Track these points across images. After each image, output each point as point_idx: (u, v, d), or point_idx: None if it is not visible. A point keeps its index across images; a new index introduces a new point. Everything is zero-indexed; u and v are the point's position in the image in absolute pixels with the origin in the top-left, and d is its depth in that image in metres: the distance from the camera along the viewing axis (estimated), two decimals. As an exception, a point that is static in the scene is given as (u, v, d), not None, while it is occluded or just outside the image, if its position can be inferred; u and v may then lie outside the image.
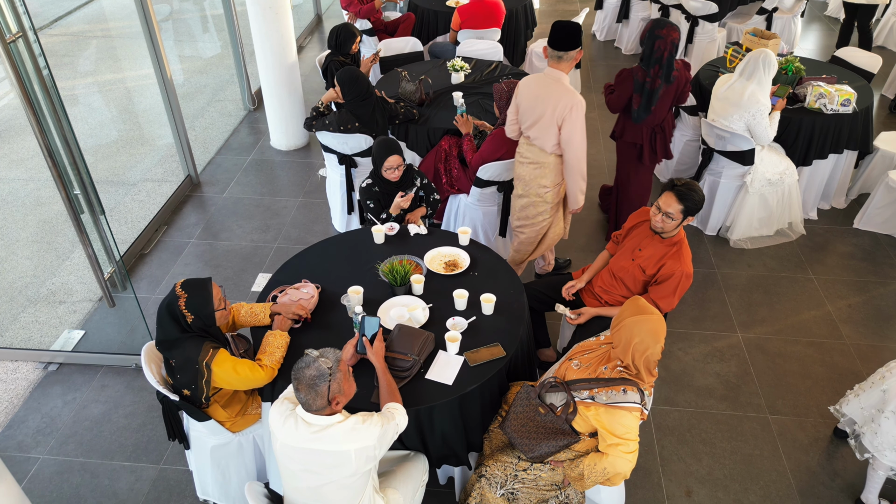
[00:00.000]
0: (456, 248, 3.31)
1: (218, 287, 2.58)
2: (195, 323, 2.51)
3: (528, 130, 3.55)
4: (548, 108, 3.39)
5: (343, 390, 2.18)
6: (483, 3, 5.74)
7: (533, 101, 3.46)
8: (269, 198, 5.18)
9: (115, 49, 8.07)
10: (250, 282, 4.36)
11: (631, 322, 2.33)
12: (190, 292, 2.51)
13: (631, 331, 2.33)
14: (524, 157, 3.67)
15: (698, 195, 2.96)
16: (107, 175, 5.55)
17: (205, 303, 2.50)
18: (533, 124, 3.50)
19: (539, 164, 3.61)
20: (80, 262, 4.50)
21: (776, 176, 4.43)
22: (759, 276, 4.37)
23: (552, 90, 3.39)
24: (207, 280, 2.55)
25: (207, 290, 2.51)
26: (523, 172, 3.70)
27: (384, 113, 4.31)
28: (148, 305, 4.17)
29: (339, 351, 2.23)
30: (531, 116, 3.49)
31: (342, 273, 3.18)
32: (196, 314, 2.50)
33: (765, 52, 4.20)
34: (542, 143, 3.52)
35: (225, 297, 2.62)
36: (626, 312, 2.38)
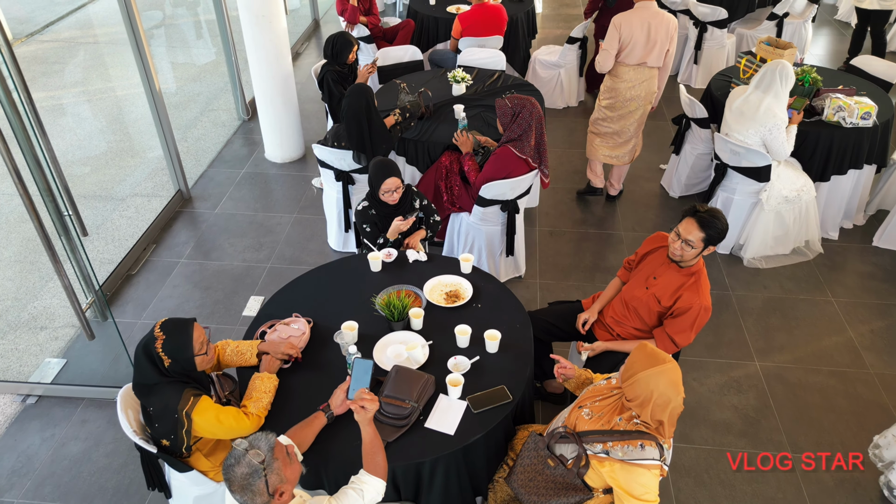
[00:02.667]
0: (458, 277, 3.10)
1: (201, 329, 2.37)
2: (173, 367, 2.30)
3: (645, 57, 4.31)
4: (660, 33, 4.24)
5: (285, 478, 1.90)
6: (485, 9, 5.53)
7: (646, 35, 4.24)
8: (262, 213, 4.98)
9: (107, 56, 7.87)
10: (241, 305, 4.15)
11: (646, 376, 2.12)
12: (168, 334, 2.30)
13: (647, 386, 2.11)
14: (633, 81, 4.41)
15: (721, 223, 2.75)
16: (94, 189, 5.35)
17: (184, 347, 2.29)
18: (650, 51, 4.29)
19: (648, 79, 4.43)
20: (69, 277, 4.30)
21: (793, 193, 4.22)
22: (776, 299, 4.16)
23: (658, 20, 4.24)
24: (189, 322, 2.34)
25: (187, 333, 2.30)
26: (636, 93, 4.46)
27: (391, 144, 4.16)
28: (133, 332, 3.97)
29: (271, 435, 1.94)
30: (646, 47, 4.28)
31: (336, 305, 2.97)
32: (174, 358, 2.29)
33: (782, 64, 3.99)
34: (654, 62, 4.34)
35: (209, 339, 2.41)
36: (637, 364, 2.16)
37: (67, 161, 5.70)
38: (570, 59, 6.12)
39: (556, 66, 6.17)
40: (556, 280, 4.33)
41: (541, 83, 6.27)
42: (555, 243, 4.67)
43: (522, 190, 3.92)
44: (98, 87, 7.07)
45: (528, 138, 3.69)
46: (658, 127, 6.06)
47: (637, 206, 5.03)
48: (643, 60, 4.31)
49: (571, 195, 5.15)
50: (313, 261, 4.50)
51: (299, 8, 8.85)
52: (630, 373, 2.16)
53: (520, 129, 3.67)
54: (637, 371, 2.13)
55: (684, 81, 6.84)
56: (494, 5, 5.57)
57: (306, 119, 6.21)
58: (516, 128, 3.68)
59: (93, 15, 9.18)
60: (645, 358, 2.15)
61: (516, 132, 3.69)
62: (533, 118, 3.64)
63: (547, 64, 6.19)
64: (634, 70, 4.37)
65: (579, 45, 6.08)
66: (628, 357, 2.23)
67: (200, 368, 2.36)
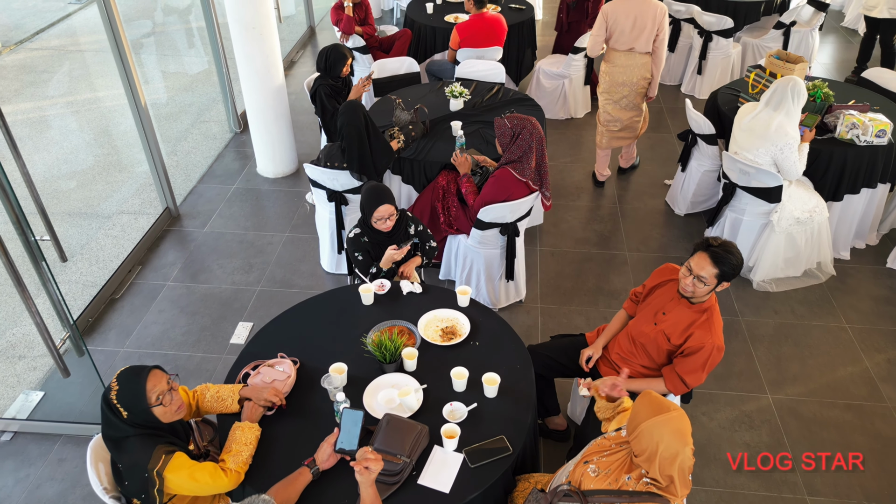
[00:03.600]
0: (454, 312, 2.92)
1: (160, 377, 2.16)
2: (132, 419, 2.12)
3: (632, 43, 4.50)
4: (648, 21, 4.41)
5: None
6: (483, 20, 5.36)
7: (633, 22, 4.43)
8: (253, 232, 4.80)
9: (96, 64, 7.69)
10: (229, 332, 3.97)
11: (650, 426, 1.94)
12: (122, 384, 2.12)
13: (651, 437, 1.94)
14: (624, 66, 4.63)
15: (736, 258, 2.57)
16: (80, 206, 5.17)
17: (138, 398, 2.10)
18: (637, 37, 4.47)
19: (639, 65, 4.60)
20: (43, 308, 4.11)
21: (805, 214, 4.05)
22: (788, 325, 3.98)
23: (645, 6, 4.40)
24: (144, 370, 2.14)
25: (140, 383, 2.10)
26: (627, 78, 4.67)
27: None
28: (115, 361, 3.79)
29: (267, 499, 1.81)
30: (633, 33, 4.46)
31: (324, 342, 2.80)
32: (130, 410, 2.10)
33: (794, 80, 3.81)
34: (642, 48, 4.52)
35: (173, 386, 2.21)
36: (641, 415, 1.99)
37: (53, 176, 5.53)
38: (574, 69, 5.94)
39: (560, 77, 5.99)
40: (557, 304, 4.15)
41: (544, 94, 6.10)
42: (556, 264, 4.49)
43: (523, 212, 3.74)
44: (87, 98, 6.90)
45: (529, 160, 3.52)
46: (662, 140, 5.89)
47: (641, 224, 4.85)
48: (631, 46, 4.55)
49: (573, 213, 4.97)
50: (305, 283, 4.33)
51: (294, 15, 8.67)
52: (634, 423, 1.98)
53: (520, 151, 3.51)
54: (641, 421, 1.96)
55: (688, 92, 6.67)
56: (493, 16, 5.40)
57: (300, 131, 6.03)
58: (516, 149, 3.51)
59: (83, 22, 9.00)
60: (648, 406, 1.98)
61: (516, 154, 3.52)
62: (533, 139, 3.47)
63: (551, 74, 6.02)
64: (625, 55, 4.61)
65: (584, 54, 5.90)
66: (633, 407, 2.05)
67: (167, 420, 2.17)
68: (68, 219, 5.03)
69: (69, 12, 9.04)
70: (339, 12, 5.80)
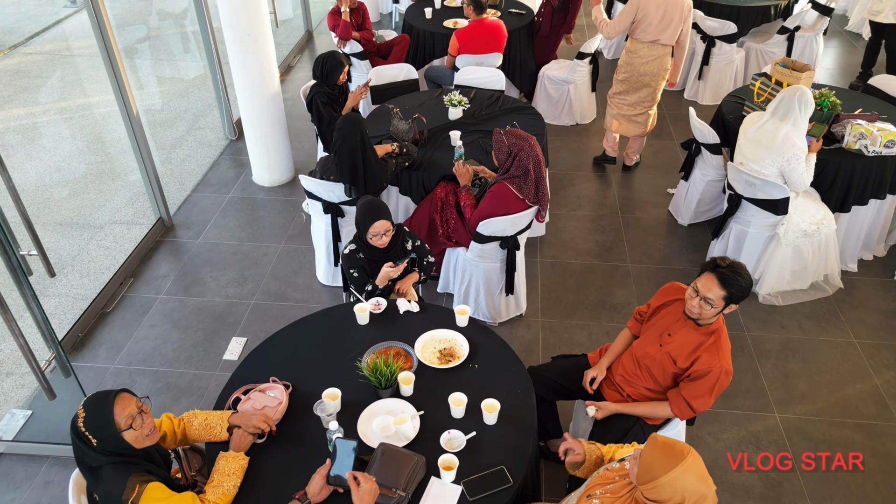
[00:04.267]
0: (452, 332, 2.82)
1: (129, 400, 2.04)
2: (103, 446, 2.01)
3: (658, 35, 4.57)
4: (675, 14, 4.49)
5: None
6: (483, 26, 5.26)
7: (662, 14, 4.49)
8: (248, 243, 4.70)
9: (91, 69, 7.58)
10: (222, 347, 3.88)
11: (671, 479, 1.84)
12: (88, 410, 2.01)
13: (675, 488, 1.84)
14: (646, 57, 4.70)
15: (745, 280, 2.48)
16: (72, 216, 5.07)
17: (105, 424, 1.98)
18: (664, 30, 4.55)
19: (661, 56, 4.69)
20: (29, 326, 4.02)
21: (812, 226, 3.95)
22: (795, 341, 3.88)
23: (674, 1, 4.47)
24: (110, 395, 2.02)
25: (107, 408, 1.98)
26: (649, 69, 4.75)
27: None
28: (105, 378, 3.69)
29: None
30: (661, 25, 4.53)
31: (318, 365, 2.70)
32: (99, 437, 1.99)
33: (801, 90, 3.72)
34: (667, 40, 4.60)
35: (143, 409, 2.09)
36: (656, 467, 1.85)
37: (45, 185, 5.43)
38: (580, 75, 5.84)
39: (565, 83, 5.90)
40: (559, 318, 4.06)
41: (549, 100, 6.01)
42: (557, 276, 4.40)
43: (523, 226, 3.65)
44: (80, 104, 6.80)
45: (527, 180, 3.43)
46: (664, 147, 5.79)
47: (644, 234, 4.76)
48: (656, 38, 4.60)
49: (574, 222, 4.88)
50: (300, 296, 4.23)
51: (292, 18, 8.58)
52: (649, 476, 1.88)
53: (518, 171, 3.42)
54: (658, 475, 1.85)
55: (691, 97, 6.58)
56: (493, 21, 5.30)
57: (297, 138, 5.94)
58: (514, 169, 3.42)
59: (78, 26, 8.90)
60: (662, 457, 1.87)
61: (514, 172, 3.43)
62: (531, 162, 3.38)
63: (556, 80, 5.92)
64: (648, 47, 4.66)
65: (590, 60, 5.81)
66: (641, 457, 1.93)
67: (139, 445, 2.06)
68: (60, 229, 4.93)
69: (64, 16, 8.95)
70: (335, 17, 5.70)
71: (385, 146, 3.95)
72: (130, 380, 3.68)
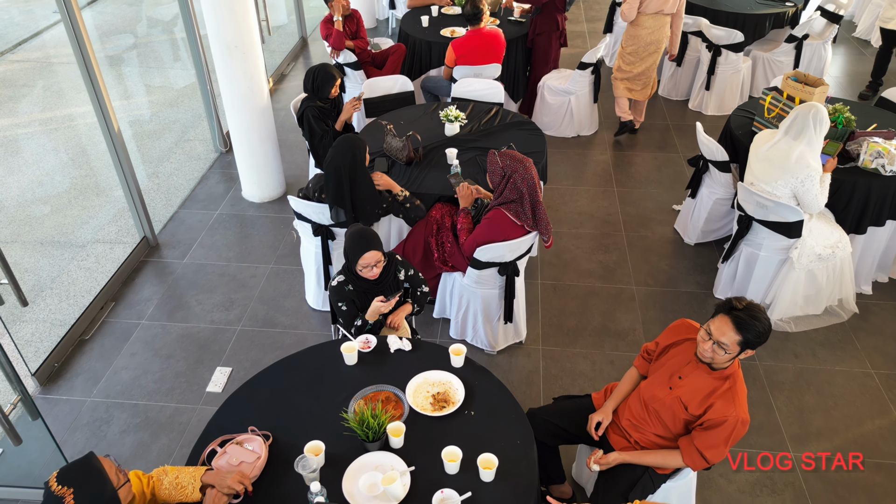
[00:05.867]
0: (447, 374, 2.63)
1: (111, 463, 1.93)
2: None
3: (662, 6, 5.10)
4: None
5: None
6: (481, 36, 5.06)
7: None
8: (235, 264, 4.50)
9: (78, 78, 7.33)
10: (206, 378, 3.68)
11: None
12: (78, 483, 1.84)
13: None
14: (652, 27, 5.24)
15: (763, 325, 2.28)
16: (53, 234, 4.87)
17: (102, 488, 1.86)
18: (666, 1, 5.08)
19: (664, 25, 5.25)
20: (7, 352, 3.82)
21: (827, 250, 3.76)
22: (810, 371, 3.69)
23: None
24: (89, 458, 1.89)
25: (98, 469, 1.88)
26: (655, 37, 5.29)
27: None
28: (81, 412, 3.49)
29: None
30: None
31: (302, 412, 2.50)
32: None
33: (815, 108, 3.53)
34: (669, 10, 5.14)
35: (120, 469, 1.96)
36: None
37: (26, 201, 5.23)
38: (581, 85, 5.65)
39: (566, 93, 5.70)
40: (560, 346, 3.86)
41: (549, 110, 5.81)
42: (559, 299, 4.20)
43: (522, 251, 3.45)
44: (66, 114, 6.60)
45: (523, 204, 3.23)
46: (669, 160, 5.60)
47: (649, 254, 4.56)
48: (660, 9, 5.13)
49: (576, 241, 4.68)
50: (289, 322, 4.04)
51: (286, 24, 8.38)
52: None
53: (512, 195, 3.23)
54: None
55: (695, 108, 6.38)
56: (491, 31, 5.10)
57: (289, 151, 5.74)
58: (508, 192, 3.23)
59: (69, 31, 8.69)
60: None
61: (510, 196, 3.24)
62: (525, 185, 3.18)
63: (556, 90, 5.72)
64: (652, 18, 5.17)
65: (592, 70, 5.61)
66: None
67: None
68: (40, 248, 4.73)
69: (52, 23, 8.74)
70: (328, 26, 5.50)
71: (394, 184, 3.68)
72: (108, 414, 3.48)
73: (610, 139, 5.91)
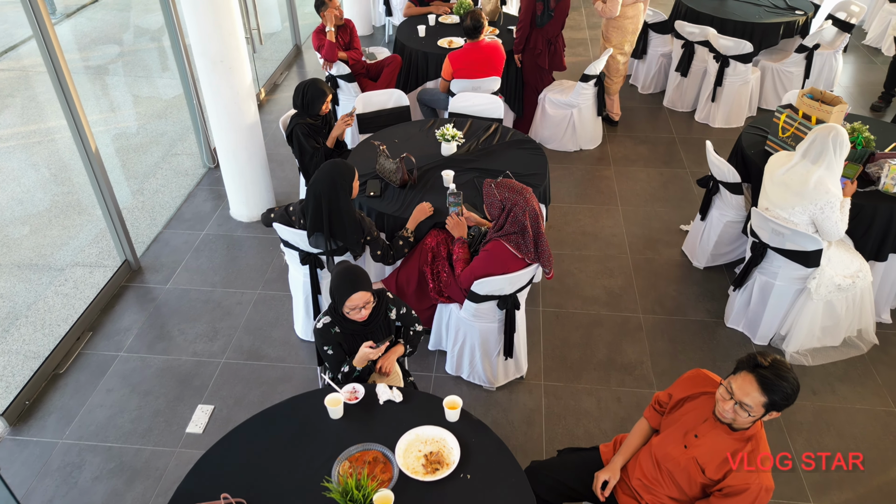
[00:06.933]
0: (441, 431, 2.40)
1: None
2: None
3: None
4: None
5: None
6: (478, 49, 4.84)
7: None
8: (221, 289, 4.28)
9: (68, 86, 7.13)
10: (186, 417, 3.46)
11: None
12: None
13: None
14: (632, 16, 5.44)
15: (791, 385, 2.06)
16: (31, 256, 4.65)
17: None
18: None
19: (641, 10, 5.47)
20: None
21: (847, 280, 3.53)
22: (829, 410, 3.47)
23: None
24: None
25: None
26: (635, 25, 5.51)
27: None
28: (51, 456, 3.27)
29: None
30: None
31: (281, 475, 2.28)
32: None
33: (835, 130, 3.30)
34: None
35: None
36: None
37: (4, 220, 5.01)
38: (584, 98, 5.42)
39: (568, 106, 5.48)
40: (563, 381, 3.64)
41: (550, 123, 5.59)
42: (561, 329, 3.98)
43: (523, 284, 3.23)
44: (51, 126, 6.37)
45: (525, 236, 3.01)
46: (675, 176, 5.38)
47: (657, 279, 4.34)
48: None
49: (579, 264, 4.46)
50: (276, 354, 3.81)
51: (280, 31, 8.15)
52: None
53: (513, 228, 3.00)
54: None
55: (702, 120, 6.15)
56: (490, 44, 4.87)
57: (279, 166, 5.52)
58: (509, 226, 3.01)
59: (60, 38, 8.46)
60: None
61: (510, 229, 3.02)
62: (527, 217, 2.96)
63: (558, 103, 5.50)
64: (632, 7, 5.40)
65: (595, 82, 5.39)
66: None
67: None
68: (17, 272, 4.51)
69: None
70: (320, 37, 5.28)
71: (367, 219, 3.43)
72: (80, 458, 3.26)
73: (613, 153, 5.69)
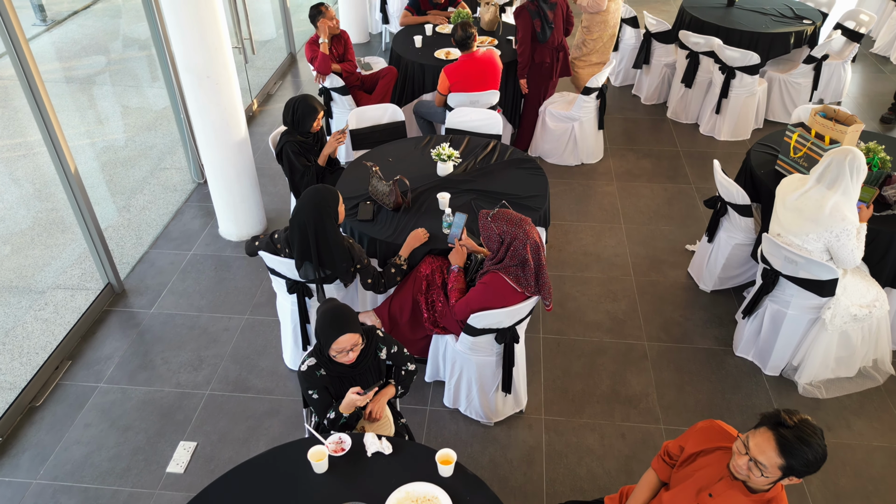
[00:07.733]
0: (434, 488, 2.22)
1: None
2: None
3: None
4: None
5: None
6: (474, 60, 4.66)
7: None
8: (207, 314, 4.10)
9: (56, 97, 6.96)
10: (167, 455, 3.28)
11: None
12: None
13: None
14: (613, 11, 5.54)
15: (814, 452, 1.88)
16: (11, 277, 4.47)
17: None
18: None
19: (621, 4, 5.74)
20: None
21: (863, 310, 3.36)
22: (844, 447, 3.29)
23: None
24: None
25: None
26: (616, 20, 5.62)
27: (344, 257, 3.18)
28: (24, 499, 3.09)
29: None
30: None
31: (260, 538, 2.10)
32: None
33: (852, 153, 3.13)
34: None
35: None
36: None
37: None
38: (586, 111, 5.25)
39: (569, 119, 5.30)
40: (565, 416, 3.46)
41: (551, 137, 5.42)
42: (562, 357, 3.80)
43: (522, 316, 3.06)
44: (34, 139, 6.19)
45: (525, 269, 2.84)
46: (680, 192, 5.20)
47: (662, 303, 4.16)
48: None
49: (581, 287, 4.28)
50: (263, 386, 3.64)
51: (274, 39, 7.97)
52: None
53: (513, 261, 2.83)
54: None
55: (707, 132, 5.98)
56: (485, 56, 4.69)
57: (271, 181, 5.35)
58: (508, 260, 2.84)
59: (46, 47, 8.29)
60: None
61: (510, 262, 2.84)
62: (528, 251, 2.79)
63: (559, 116, 5.33)
64: (613, 2, 5.55)
65: (597, 95, 5.22)
66: None
67: None
68: (-4, 293, 4.34)
69: (31, 35, 8.35)
70: (314, 48, 5.11)
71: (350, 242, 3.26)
72: (53, 501, 3.08)
73: (616, 168, 5.51)
